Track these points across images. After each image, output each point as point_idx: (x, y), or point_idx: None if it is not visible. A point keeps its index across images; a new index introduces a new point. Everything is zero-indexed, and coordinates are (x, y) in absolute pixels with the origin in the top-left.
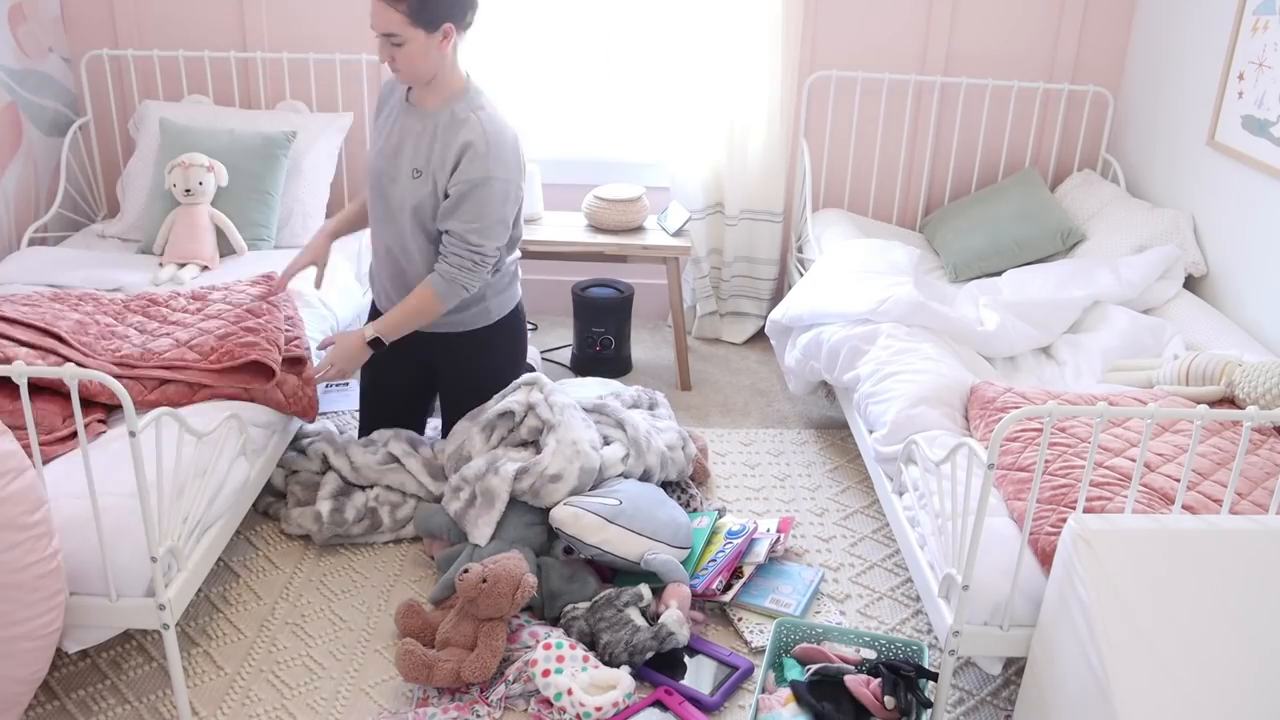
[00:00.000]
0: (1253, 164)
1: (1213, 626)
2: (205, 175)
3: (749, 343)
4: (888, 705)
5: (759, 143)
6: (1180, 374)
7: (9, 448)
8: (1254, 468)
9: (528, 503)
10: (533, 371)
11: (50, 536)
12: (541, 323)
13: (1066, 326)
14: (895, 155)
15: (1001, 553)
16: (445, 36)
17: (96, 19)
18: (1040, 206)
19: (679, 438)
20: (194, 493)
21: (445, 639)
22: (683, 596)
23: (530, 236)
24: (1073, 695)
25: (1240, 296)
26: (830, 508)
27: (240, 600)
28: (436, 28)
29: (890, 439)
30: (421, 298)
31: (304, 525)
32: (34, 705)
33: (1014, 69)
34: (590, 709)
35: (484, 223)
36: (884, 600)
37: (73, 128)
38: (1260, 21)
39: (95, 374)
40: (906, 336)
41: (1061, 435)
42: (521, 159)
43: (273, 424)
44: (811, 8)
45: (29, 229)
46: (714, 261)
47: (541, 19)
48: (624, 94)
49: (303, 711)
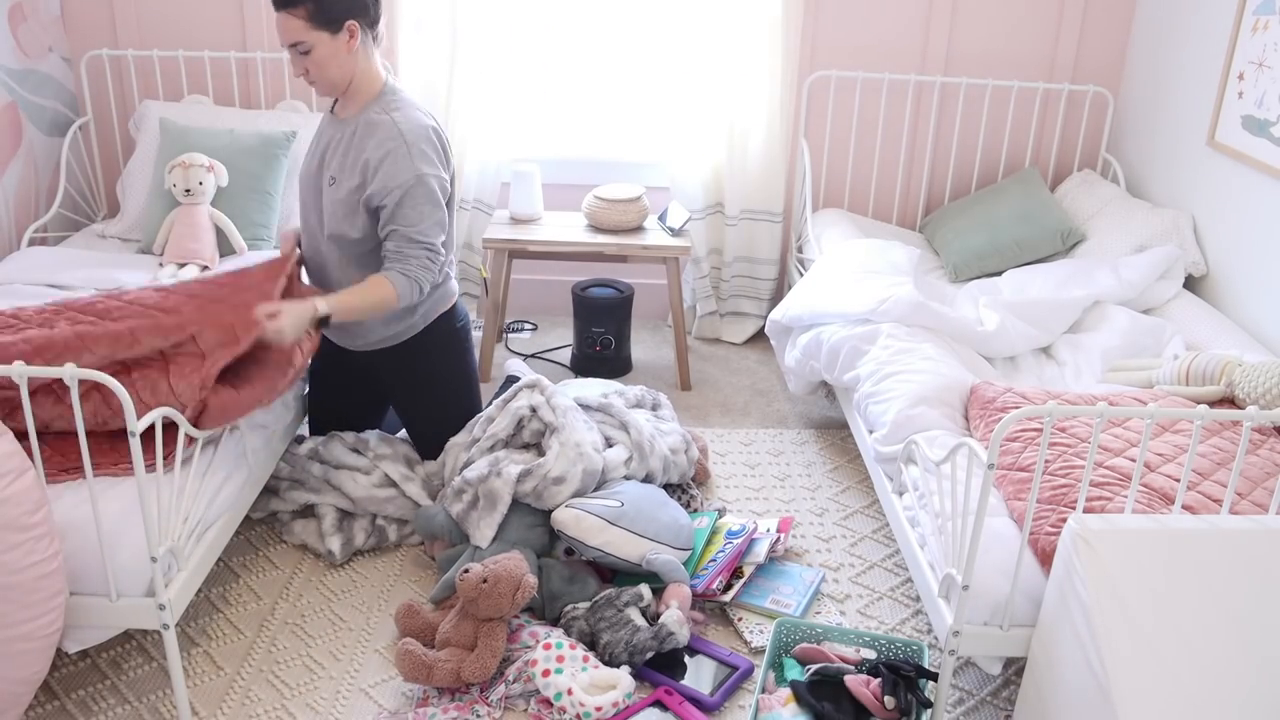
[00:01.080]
0: (1253, 164)
1: (1213, 626)
2: (205, 175)
3: (749, 343)
4: (888, 705)
5: (759, 143)
6: (1180, 374)
7: (9, 448)
8: (1254, 468)
9: (530, 505)
10: (516, 380)
11: (51, 537)
12: (541, 323)
13: (1066, 326)
14: (895, 155)
15: (1001, 553)
16: (351, 35)
17: (96, 19)
18: (1040, 206)
19: (682, 441)
20: (194, 493)
21: (445, 639)
22: (683, 596)
23: (530, 236)
24: (1073, 695)
25: (1240, 296)
26: (830, 508)
27: (240, 600)
28: (340, 27)
29: (890, 439)
30: (379, 292)
31: (311, 545)
32: (34, 705)
33: (1014, 69)
34: (590, 709)
35: (427, 222)
36: (884, 600)
37: (73, 128)
38: (1260, 21)
39: (95, 374)
40: (906, 336)
41: (1061, 435)
42: (443, 152)
43: (273, 424)
44: (811, 8)
45: (29, 229)
46: (714, 261)
47: (542, 19)
48: (624, 94)
49: (303, 711)
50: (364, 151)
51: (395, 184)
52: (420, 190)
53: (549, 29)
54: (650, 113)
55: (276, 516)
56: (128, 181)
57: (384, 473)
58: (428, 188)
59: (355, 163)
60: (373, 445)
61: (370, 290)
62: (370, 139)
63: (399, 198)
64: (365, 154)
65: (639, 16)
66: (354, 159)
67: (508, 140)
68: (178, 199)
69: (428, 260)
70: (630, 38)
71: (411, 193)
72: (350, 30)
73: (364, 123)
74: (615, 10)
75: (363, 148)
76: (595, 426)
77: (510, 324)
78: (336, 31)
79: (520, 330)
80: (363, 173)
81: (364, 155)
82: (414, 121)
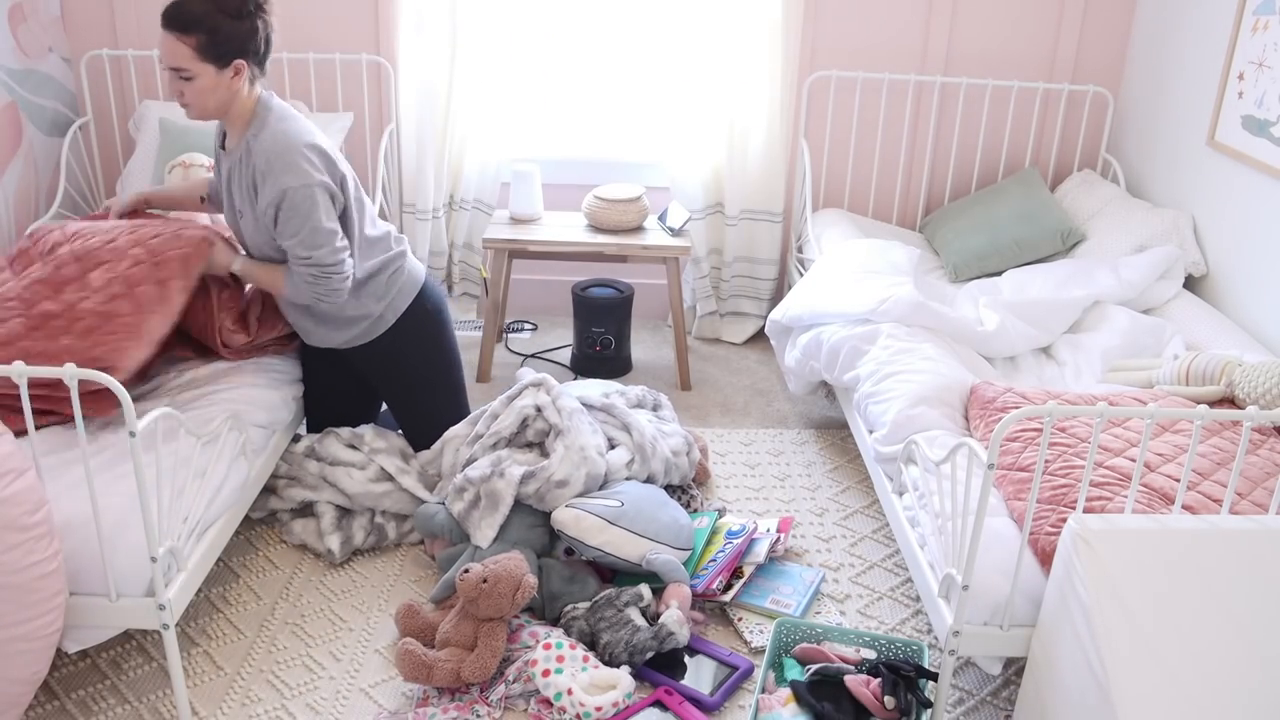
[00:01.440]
0: (1253, 164)
1: (1213, 626)
2: (205, 175)
3: (749, 343)
4: (888, 705)
5: (759, 143)
6: (1180, 374)
7: (9, 448)
8: (1254, 468)
9: (531, 505)
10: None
11: (51, 537)
12: (541, 323)
13: (1066, 326)
14: (895, 155)
15: (1001, 553)
16: (236, 73)
17: (96, 19)
18: (1040, 206)
19: (684, 442)
20: (194, 493)
21: (445, 639)
22: (683, 596)
23: (530, 236)
24: (1073, 695)
25: (1240, 296)
26: (830, 508)
27: (240, 600)
28: (227, 63)
29: (890, 439)
30: (275, 276)
31: (311, 545)
32: (34, 705)
33: (1014, 69)
34: (590, 709)
35: (302, 235)
36: (884, 600)
37: (73, 128)
38: (1260, 21)
39: (95, 374)
40: (906, 336)
41: (1061, 435)
42: (319, 158)
43: (272, 424)
44: (811, 8)
45: (29, 229)
46: (714, 261)
47: (542, 19)
48: (624, 94)
49: (303, 711)
50: (248, 176)
51: (266, 202)
52: (287, 205)
53: (549, 29)
54: (650, 113)
55: (276, 516)
56: (128, 181)
57: (380, 467)
58: (293, 202)
59: (248, 189)
60: (368, 440)
61: (273, 280)
62: (249, 163)
63: (274, 214)
64: (251, 178)
65: (639, 17)
66: (246, 185)
67: (508, 140)
68: None
69: (310, 276)
70: (630, 38)
71: (281, 208)
72: (236, 69)
73: (245, 149)
74: (615, 10)
75: (246, 173)
76: (599, 429)
77: (510, 324)
78: (223, 67)
79: (520, 330)
80: (255, 195)
81: (249, 179)
82: (279, 135)
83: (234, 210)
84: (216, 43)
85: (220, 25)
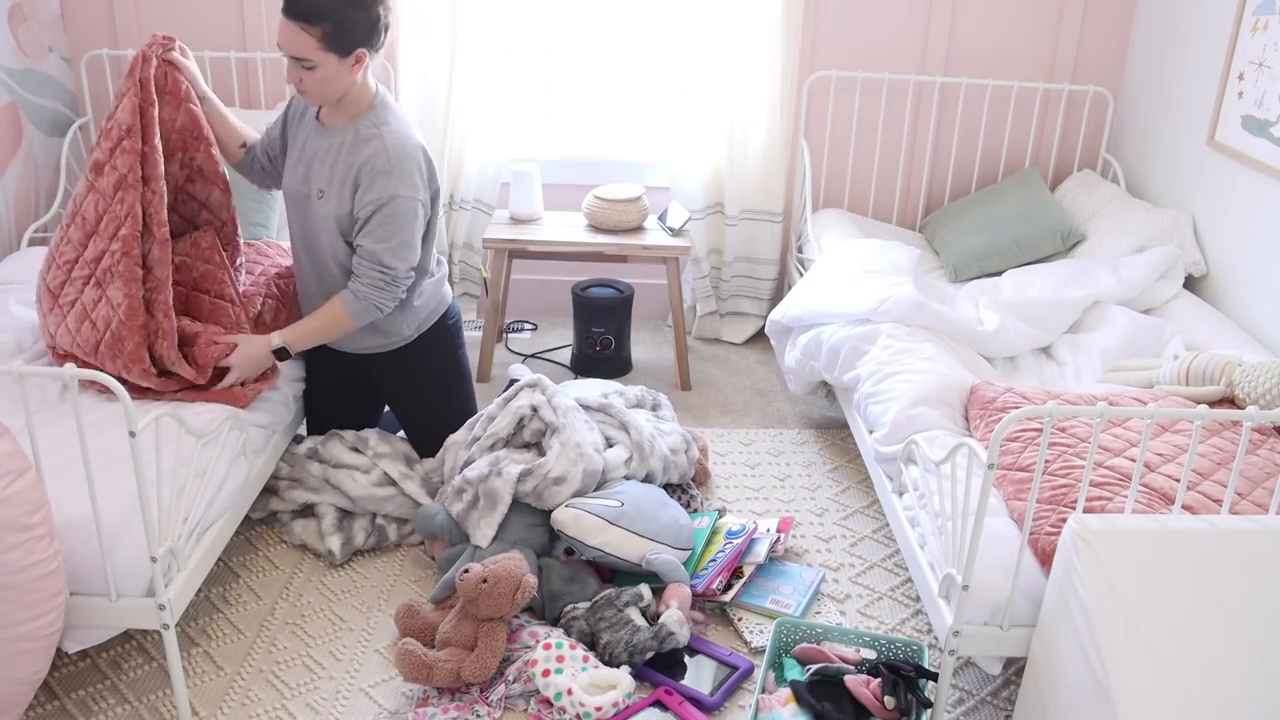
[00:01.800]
0: (1253, 164)
1: (1213, 626)
2: None
3: (749, 343)
4: (888, 705)
5: (759, 143)
6: (1180, 374)
7: (9, 448)
8: (1254, 468)
9: (530, 504)
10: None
11: (51, 537)
12: (541, 323)
13: (1066, 326)
14: (895, 155)
15: (1001, 553)
16: (357, 61)
17: (96, 19)
18: (1040, 206)
19: (682, 441)
20: (194, 493)
21: (445, 639)
22: (683, 596)
23: (530, 236)
24: (1073, 695)
25: (1240, 296)
26: (830, 508)
27: (240, 600)
28: (349, 53)
29: (890, 439)
30: (333, 314)
31: (311, 545)
32: (34, 705)
33: (1014, 69)
34: (590, 709)
35: (392, 243)
36: (884, 600)
37: (73, 128)
38: (1260, 21)
39: (95, 374)
40: (906, 336)
41: (1061, 435)
42: (427, 175)
43: (273, 424)
44: (811, 8)
45: (29, 229)
46: (714, 261)
47: (542, 19)
48: (624, 94)
49: (303, 711)
50: (354, 165)
51: (371, 199)
52: (392, 209)
53: (549, 29)
54: (650, 113)
55: (276, 516)
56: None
57: (383, 471)
58: (397, 210)
59: (346, 175)
60: (372, 444)
61: (323, 316)
62: (360, 152)
63: (370, 213)
64: (355, 167)
65: (639, 17)
66: (344, 172)
67: (508, 140)
68: None
69: (381, 283)
70: (630, 38)
71: (382, 211)
72: (358, 58)
73: (354, 135)
74: (615, 10)
75: (352, 161)
76: (596, 427)
77: (510, 324)
78: (345, 56)
79: (520, 330)
80: (354, 185)
81: (354, 169)
82: (401, 140)
83: (308, 183)
84: (341, 33)
85: (345, 16)
